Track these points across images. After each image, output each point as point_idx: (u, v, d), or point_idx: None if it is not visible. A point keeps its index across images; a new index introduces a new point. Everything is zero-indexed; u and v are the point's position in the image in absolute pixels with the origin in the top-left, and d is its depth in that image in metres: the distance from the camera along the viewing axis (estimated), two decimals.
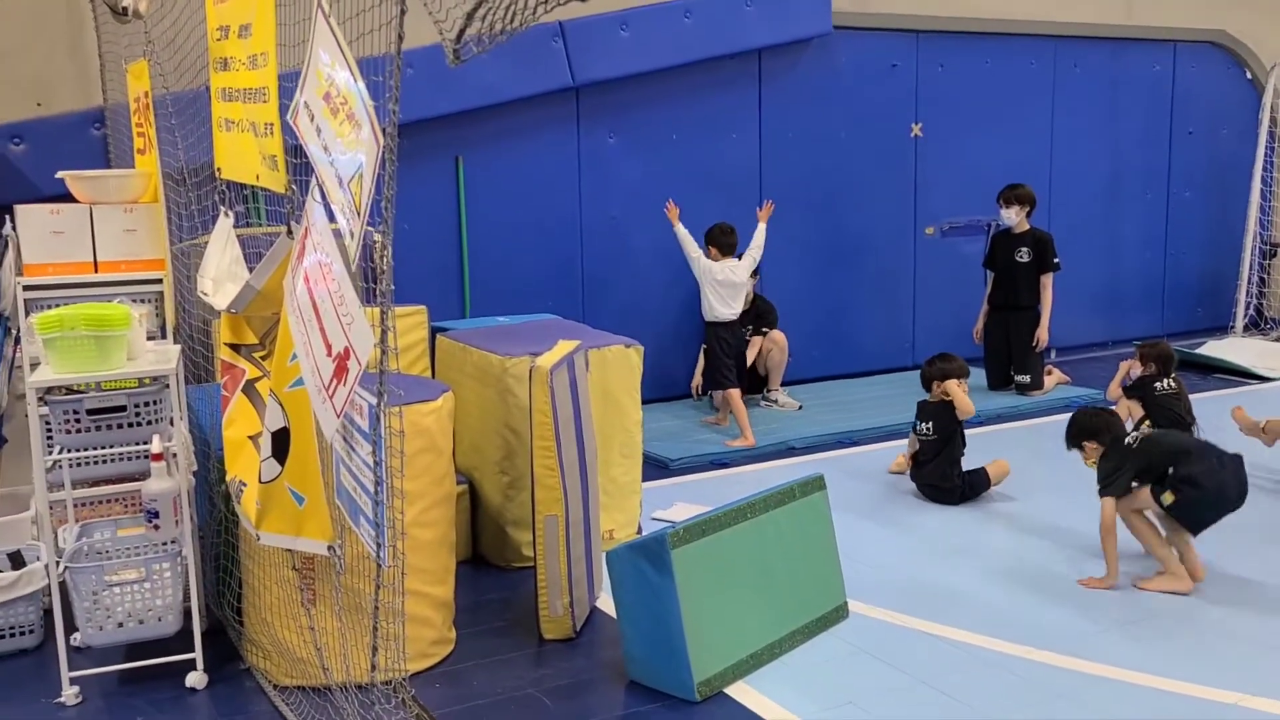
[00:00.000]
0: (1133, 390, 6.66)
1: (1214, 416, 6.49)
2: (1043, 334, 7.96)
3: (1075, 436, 4.87)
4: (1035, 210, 8.09)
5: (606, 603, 4.41)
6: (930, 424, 5.86)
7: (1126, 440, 4.69)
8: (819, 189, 8.40)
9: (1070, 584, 4.69)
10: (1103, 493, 4.62)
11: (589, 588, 4.41)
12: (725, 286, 6.80)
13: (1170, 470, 4.50)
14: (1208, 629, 4.26)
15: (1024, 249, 7.98)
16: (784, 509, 4.20)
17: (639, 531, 5.26)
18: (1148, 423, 6.52)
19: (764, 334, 7.51)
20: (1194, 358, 9.00)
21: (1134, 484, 4.58)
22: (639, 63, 7.46)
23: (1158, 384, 6.59)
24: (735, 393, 6.88)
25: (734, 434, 6.90)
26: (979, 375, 8.34)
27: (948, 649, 4.13)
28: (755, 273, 7.23)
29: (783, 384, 7.75)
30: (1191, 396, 6.46)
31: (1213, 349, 9.23)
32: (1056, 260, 7.98)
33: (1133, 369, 6.86)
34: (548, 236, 7.48)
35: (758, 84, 8.06)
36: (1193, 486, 4.43)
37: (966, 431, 5.97)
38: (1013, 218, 8.02)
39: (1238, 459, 4.57)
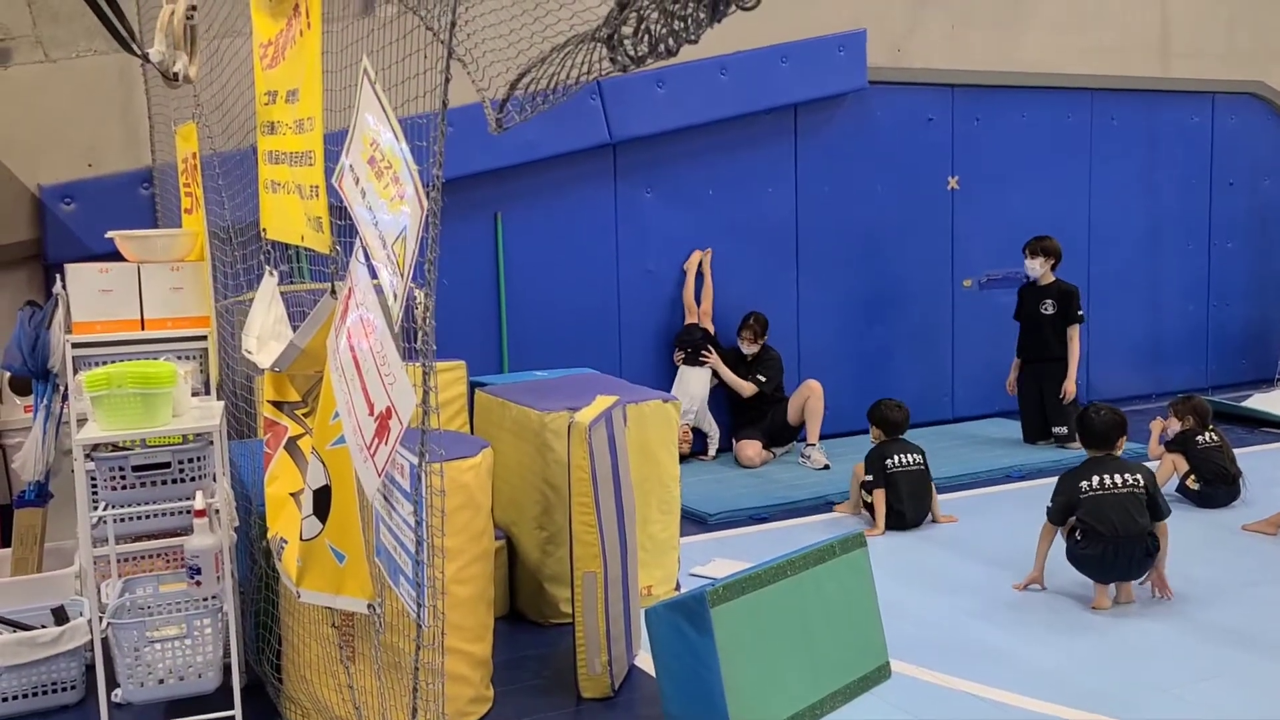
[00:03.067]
0: (1175, 445, 6.61)
1: (1265, 470, 6.39)
2: (1070, 386, 7.88)
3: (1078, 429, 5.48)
4: (1061, 263, 8.04)
5: (645, 660, 4.38)
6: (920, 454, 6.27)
7: (1082, 484, 5.04)
8: (855, 242, 8.42)
9: (1121, 642, 4.62)
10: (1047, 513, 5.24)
11: (628, 645, 4.38)
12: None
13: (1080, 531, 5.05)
14: (1269, 693, 4.16)
15: (1049, 301, 7.94)
16: (824, 566, 4.16)
17: (677, 588, 5.23)
18: (1193, 477, 6.45)
19: (761, 381, 7.65)
20: (1240, 411, 8.87)
21: (1070, 518, 5.10)
22: (675, 119, 7.54)
23: (1199, 437, 6.53)
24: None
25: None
26: (1014, 428, 8.28)
27: (992, 710, 4.06)
28: (761, 337, 7.77)
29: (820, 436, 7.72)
30: (1239, 450, 6.37)
31: (1259, 401, 9.10)
32: (1081, 313, 7.92)
33: (1168, 426, 6.81)
34: (585, 291, 7.53)
35: (793, 138, 8.11)
36: (1074, 559, 5.08)
37: (1014, 485, 5.91)
38: (1037, 269, 7.99)
39: (1133, 546, 4.93)
